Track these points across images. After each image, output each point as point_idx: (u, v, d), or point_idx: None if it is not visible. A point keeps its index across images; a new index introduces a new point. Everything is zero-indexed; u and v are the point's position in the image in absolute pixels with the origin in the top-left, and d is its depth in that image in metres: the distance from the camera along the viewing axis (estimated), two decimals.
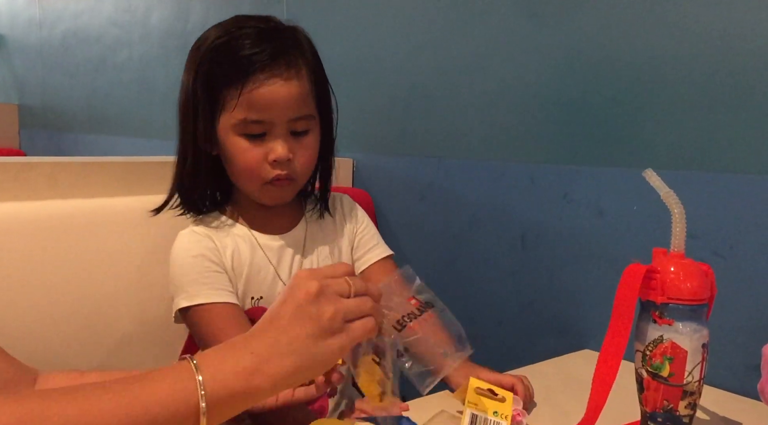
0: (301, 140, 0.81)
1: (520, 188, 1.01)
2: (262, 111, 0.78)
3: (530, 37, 0.99)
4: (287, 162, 0.80)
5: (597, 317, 0.91)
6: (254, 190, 0.83)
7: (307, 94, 0.80)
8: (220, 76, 0.78)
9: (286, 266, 0.85)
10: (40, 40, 2.66)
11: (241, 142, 0.79)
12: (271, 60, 0.77)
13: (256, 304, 0.83)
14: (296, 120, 0.80)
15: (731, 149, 0.79)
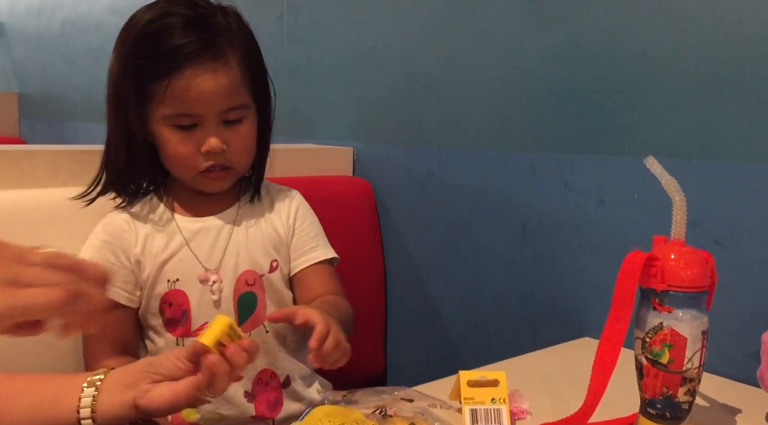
0: (235, 128, 0.80)
1: (520, 177, 1.01)
2: (190, 105, 0.77)
3: (531, 26, 0.99)
4: (221, 152, 0.79)
5: (597, 306, 0.92)
6: (188, 179, 0.83)
7: (238, 84, 0.79)
8: (146, 68, 0.76)
9: (206, 249, 0.84)
10: (40, 28, 2.65)
11: (172, 133, 0.79)
12: (197, 52, 0.75)
13: (172, 287, 0.83)
14: (228, 111, 0.79)
15: (732, 137, 0.79)
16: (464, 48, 1.08)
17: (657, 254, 0.58)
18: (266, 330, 0.86)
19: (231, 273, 0.84)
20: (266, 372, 0.85)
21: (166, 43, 0.75)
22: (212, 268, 0.84)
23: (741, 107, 0.78)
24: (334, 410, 0.57)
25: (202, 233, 0.85)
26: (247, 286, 0.85)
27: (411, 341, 1.21)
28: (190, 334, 0.83)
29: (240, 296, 0.84)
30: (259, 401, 0.85)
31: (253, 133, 0.83)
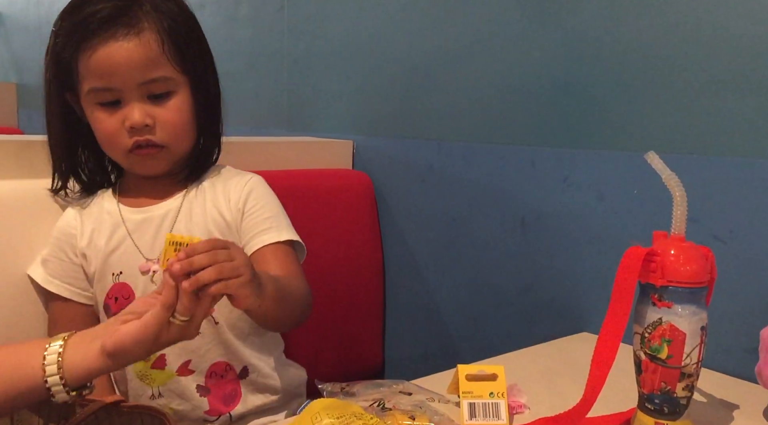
0: (162, 103, 0.77)
1: (520, 171, 1.01)
2: (104, 77, 0.74)
3: (531, 20, 0.98)
4: (147, 128, 0.76)
5: (596, 300, 0.92)
6: (121, 160, 0.81)
7: (156, 55, 0.75)
8: (66, 46, 0.75)
9: (149, 240, 0.81)
10: (39, 18, 2.64)
11: (97, 112, 0.77)
12: (106, 21, 0.72)
13: (117, 280, 0.81)
14: (149, 83, 0.76)
15: (734, 132, 0.79)
16: (465, 42, 1.08)
17: (657, 249, 0.58)
18: (215, 321, 0.81)
19: None
20: (220, 364, 0.82)
21: (78, 15, 0.74)
22: (153, 258, 0.81)
23: (742, 103, 0.78)
24: (331, 403, 0.57)
25: (145, 224, 0.82)
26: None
27: (409, 334, 1.21)
28: None
29: None
30: (214, 395, 0.82)
31: (184, 108, 0.79)
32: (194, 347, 0.81)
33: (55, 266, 0.83)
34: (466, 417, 0.62)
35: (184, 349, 0.80)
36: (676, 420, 0.59)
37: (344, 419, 0.54)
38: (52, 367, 0.55)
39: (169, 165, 0.82)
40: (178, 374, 0.81)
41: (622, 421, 0.64)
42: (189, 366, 0.81)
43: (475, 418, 0.62)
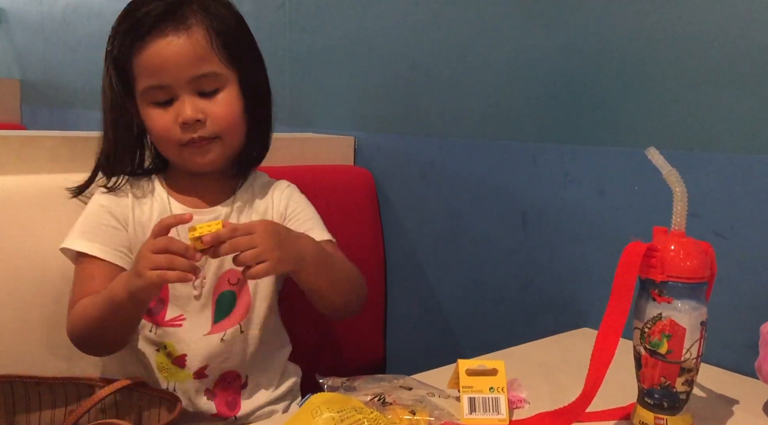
0: (213, 99, 0.79)
1: (521, 167, 1.01)
2: (156, 74, 0.77)
3: (533, 16, 0.98)
4: (198, 124, 0.78)
5: (596, 296, 0.92)
6: (174, 156, 0.82)
7: (205, 51, 0.78)
8: (121, 48, 0.78)
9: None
10: (41, 14, 2.64)
11: (152, 111, 0.79)
12: (157, 20, 0.76)
13: None
14: (199, 79, 0.78)
15: (734, 128, 0.79)
16: (466, 38, 1.08)
17: (657, 244, 0.58)
18: (241, 329, 0.84)
19: (214, 271, 0.83)
20: (231, 373, 0.84)
21: (132, 17, 0.77)
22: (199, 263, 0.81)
23: (743, 99, 0.78)
24: (332, 397, 0.57)
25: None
26: (229, 285, 0.84)
27: (410, 330, 1.22)
28: (164, 324, 0.81)
29: (219, 295, 0.83)
30: (219, 399, 0.84)
31: (234, 103, 0.81)
32: (216, 353, 0.82)
33: (109, 235, 0.81)
34: (466, 412, 0.62)
35: (205, 355, 0.82)
36: (676, 414, 0.59)
37: (344, 413, 0.54)
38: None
39: (221, 159, 0.83)
40: (194, 377, 0.82)
41: (622, 416, 0.64)
42: (205, 371, 0.83)
43: (475, 413, 0.62)
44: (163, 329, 0.82)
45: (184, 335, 0.82)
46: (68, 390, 0.75)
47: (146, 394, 0.73)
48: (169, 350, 0.82)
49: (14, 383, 0.74)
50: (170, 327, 0.82)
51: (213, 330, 0.82)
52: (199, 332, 0.82)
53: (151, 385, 0.78)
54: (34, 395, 0.74)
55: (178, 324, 0.82)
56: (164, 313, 0.82)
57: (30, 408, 0.74)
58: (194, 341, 0.82)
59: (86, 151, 0.96)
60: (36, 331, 0.86)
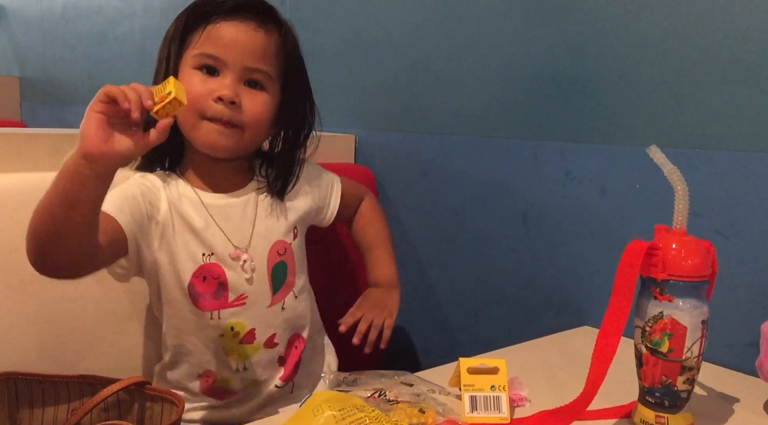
0: (253, 91, 0.82)
1: (522, 166, 1.01)
2: (219, 47, 0.80)
3: (533, 14, 0.98)
4: (231, 105, 0.80)
5: (597, 294, 0.92)
6: (190, 126, 0.81)
7: (270, 54, 0.82)
8: (195, 16, 0.82)
9: (233, 226, 0.84)
10: (41, 11, 2.63)
11: (194, 74, 0.81)
12: (245, 9, 0.81)
13: (207, 260, 0.83)
14: (252, 70, 0.81)
15: (736, 127, 0.79)
16: (467, 36, 1.07)
17: (658, 243, 0.58)
18: (295, 295, 0.89)
19: (262, 248, 0.86)
20: (294, 336, 0.90)
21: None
22: (242, 246, 0.84)
23: (744, 97, 0.78)
24: (333, 395, 0.57)
25: (228, 210, 0.85)
26: (279, 256, 0.87)
27: (412, 328, 1.22)
28: (228, 306, 0.84)
29: (273, 267, 0.86)
30: (289, 363, 0.89)
31: (268, 106, 0.83)
32: (280, 321, 0.87)
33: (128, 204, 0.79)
34: (467, 410, 0.62)
35: (269, 325, 0.86)
36: (677, 413, 0.59)
37: (346, 411, 0.54)
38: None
39: (232, 150, 0.83)
40: (265, 346, 0.86)
41: (623, 414, 0.64)
42: (275, 339, 0.87)
43: (476, 411, 0.62)
44: (228, 310, 0.84)
45: (249, 312, 0.85)
46: (71, 388, 0.75)
47: (148, 393, 0.73)
48: (236, 330, 0.84)
49: (18, 380, 0.74)
50: (235, 307, 0.84)
51: (274, 301, 0.86)
52: (263, 305, 0.86)
53: (152, 384, 0.78)
54: (37, 392, 0.74)
55: (241, 303, 0.84)
56: (227, 295, 0.84)
57: (33, 405, 0.74)
58: (260, 314, 0.85)
59: None
60: (38, 329, 0.86)
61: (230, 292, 0.84)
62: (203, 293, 0.83)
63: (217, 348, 0.84)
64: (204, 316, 0.83)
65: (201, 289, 0.82)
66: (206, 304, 0.83)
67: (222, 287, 0.83)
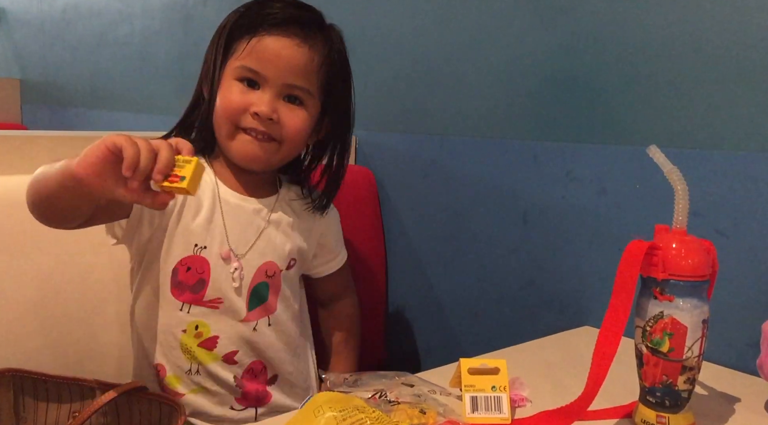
0: (292, 107, 0.82)
1: (523, 166, 1.01)
2: (261, 62, 0.80)
3: (534, 14, 0.98)
4: (267, 121, 0.80)
5: (598, 294, 0.92)
6: (225, 136, 0.82)
7: (312, 71, 0.82)
8: (241, 26, 0.82)
9: (237, 229, 0.84)
10: (41, 13, 2.64)
11: (234, 85, 0.81)
12: (290, 22, 0.81)
13: (199, 252, 0.82)
14: (292, 87, 0.81)
15: (736, 126, 0.79)
16: (468, 36, 1.08)
17: (658, 243, 0.58)
18: (269, 322, 0.86)
19: (255, 261, 0.85)
20: (258, 363, 0.86)
21: (268, 7, 0.82)
22: (239, 253, 0.84)
23: (744, 97, 0.78)
24: (334, 396, 0.57)
25: (238, 211, 0.85)
26: (266, 277, 0.86)
27: (412, 329, 1.22)
28: (201, 304, 0.82)
29: (255, 286, 0.85)
30: (248, 389, 0.85)
31: (307, 121, 0.83)
32: (246, 340, 0.84)
33: None
34: (468, 411, 0.62)
35: (236, 340, 0.84)
36: (678, 413, 0.59)
37: (346, 412, 0.54)
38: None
39: (267, 163, 0.84)
40: (223, 359, 0.83)
41: (624, 414, 0.64)
42: (234, 357, 0.84)
43: (477, 412, 0.62)
44: (200, 308, 0.82)
45: (219, 317, 0.83)
46: (72, 389, 0.76)
47: (145, 398, 0.73)
48: (200, 330, 0.82)
49: (24, 377, 0.75)
50: (208, 308, 0.83)
51: (246, 318, 0.84)
52: (234, 317, 0.83)
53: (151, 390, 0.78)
54: (42, 391, 0.75)
55: (215, 306, 0.83)
56: (204, 293, 0.82)
57: (37, 402, 0.75)
58: (229, 325, 0.83)
59: None
60: (39, 331, 0.86)
61: (208, 291, 0.82)
62: (183, 282, 0.82)
63: (174, 342, 0.82)
64: (175, 305, 0.82)
65: (182, 277, 0.82)
66: (181, 295, 0.82)
67: (201, 283, 0.82)
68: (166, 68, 1.91)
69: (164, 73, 1.92)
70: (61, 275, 0.88)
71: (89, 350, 0.90)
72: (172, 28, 1.87)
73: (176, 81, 1.86)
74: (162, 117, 1.90)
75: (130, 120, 2.11)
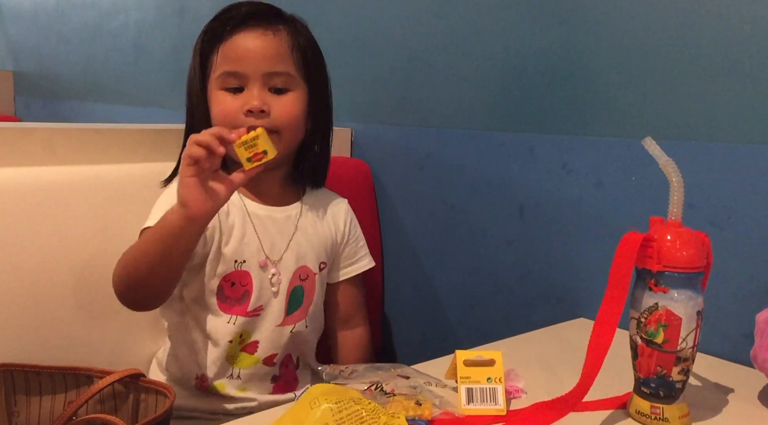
0: (280, 97, 0.84)
1: (519, 158, 1.01)
2: (236, 62, 0.82)
3: (530, 6, 0.98)
4: (262, 114, 0.82)
5: (593, 287, 0.92)
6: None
7: (284, 53, 0.84)
8: (209, 40, 0.85)
9: (269, 238, 0.87)
10: (35, 5, 2.62)
11: (221, 95, 0.83)
12: (249, 17, 0.83)
13: (239, 268, 0.85)
14: (272, 75, 0.83)
15: (731, 119, 0.79)
16: (463, 29, 1.07)
17: (653, 235, 0.58)
18: (306, 324, 0.91)
19: (291, 266, 0.88)
20: (289, 357, 0.91)
21: (226, 14, 0.84)
22: (274, 259, 0.87)
23: (739, 89, 0.78)
24: (330, 388, 0.57)
25: (269, 221, 0.88)
26: (300, 280, 0.89)
27: (408, 321, 1.22)
28: (246, 314, 0.85)
29: (292, 290, 0.88)
30: (281, 381, 0.90)
31: (299, 104, 0.85)
32: (285, 343, 0.89)
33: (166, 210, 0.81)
34: (463, 402, 0.62)
35: (276, 344, 0.88)
36: (672, 403, 0.60)
37: (342, 404, 0.54)
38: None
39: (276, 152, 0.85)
40: (264, 363, 0.88)
41: (619, 405, 0.64)
42: (274, 359, 0.89)
43: (472, 403, 0.62)
44: (244, 318, 0.85)
45: (260, 324, 0.87)
46: (67, 379, 0.76)
47: (142, 385, 0.74)
48: (243, 337, 0.86)
49: (14, 371, 0.74)
50: (251, 317, 0.86)
51: (285, 322, 0.88)
52: (274, 322, 0.87)
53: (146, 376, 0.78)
54: (34, 383, 0.75)
55: (256, 315, 0.86)
56: (248, 303, 0.85)
57: (30, 396, 0.75)
58: (269, 330, 0.87)
59: (81, 142, 0.96)
60: (35, 323, 0.86)
61: (252, 300, 0.85)
62: (229, 296, 0.85)
63: (222, 352, 0.86)
64: (222, 318, 0.85)
65: (228, 293, 0.85)
66: (230, 309, 0.85)
67: (246, 295, 0.85)
68: (161, 60, 1.90)
69: (158, 65, 1.91)
70: (55, 266, 0.88)
71: (82, 343, 0.90)
72: (167, 21, 1.86)
73: (171, 73, 1.85)
74: (156, 109, 1.89)
75: (124, 113, 2.10)
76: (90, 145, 0.96)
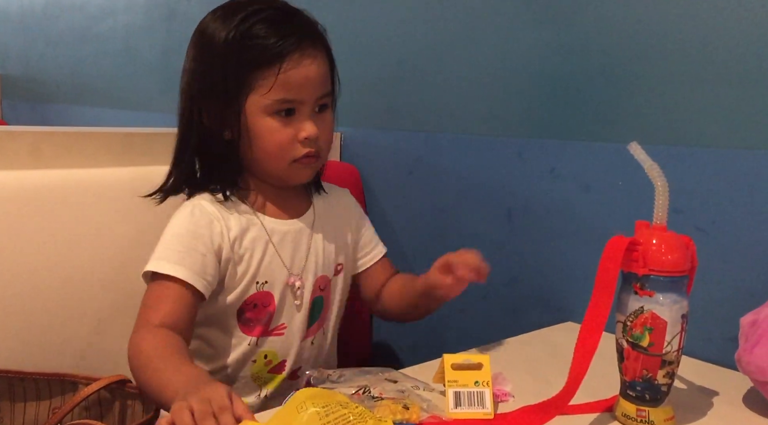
0: (322, 116, 0.83)
1: (507, 163, 1.01)
2: (297, 91, 0.79)
3: (519, 11, 0.99)
4: (316, 139, 0.81)
5: (581, 291, 0.92)
6: (281, 169, 0.82)
7: (327, 72, 0.84)
8: (250, 61, 0.78)
9: (289, 252, 0.85)
10: (22, 8, 2.60)
11: (272, 122, 0.79)
12: (301, 40, 0.80)
13: (261, 289, 0.83)
14: (322, 97, 0.82)
15: (716, 124, 0.80)
16: (453, 34, 1.08)
17: (639, 239, 0.59)
18: (324, 332, 0.90)
19: (311, 278, 0.86)
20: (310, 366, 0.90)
21: (271, 34, 0.78)
22: (296, 273, 0.85)
23: (726, 95, 0.79)
24: (317, 392, 0.57)
25: (288, 236, 0.85)
26: (320, 291, 0.88)
27: (397, 325, 1.22)
28: (269, 334, 0.84)
29: (313, 301, 0.87)
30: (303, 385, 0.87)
31: (333, 123, 0.85)
32: (308, 356, 0.88)
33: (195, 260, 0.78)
34: (451, 406, 0.62)
35: (300, 358, 0.87)
36: (658, 406, 0.60)
37: (329, 408, 0.54)
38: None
39: (314, 173, 0.87)
40: (289, 378, 0.87)
41: (605, 408, 0.65)
42: (297, 372, 0.88)
43: (460, 407, 0.62)
44: (265, 338, 0.84)
45: (285, 342, 0.85)
46: (52, 386, 0.75)
47: (129, 391, 0.73)
48: (269, 358, 0.85)
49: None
50: (274, 336, 0.84)
51: (307, 335, 0.87)
52: (297, 337, 0.86)
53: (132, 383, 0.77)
54: (19, 390, 0.74)
55: (280, 333, 0.85)
56: (270, 323, 0.84)
57: (14, 402, 0.74)
58: (293, 346, 0.86)
59: (68, 146, 0.95)
60: (21, 328, 0.85)
61: (273, 320, 0.84)
62: (252, 318, 0.83)
63: (246, 374, 0.84)
64: (246, 341, 0.83)
65: (250, 315, 0.83)
66: (252, 330, 0.83)
67: (269, 315, 0.84)
68: (150, 64, 1.89)
69: (147, 69, 1.91)
70: (41, 270, 0.87)
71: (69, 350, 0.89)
72: (156, 24, 1.85)
73: (160, 77, 1.84)
74: (145, 113, 1.88)
75: (112, 117, 2.09)
76: (77, 149, 0.95)
